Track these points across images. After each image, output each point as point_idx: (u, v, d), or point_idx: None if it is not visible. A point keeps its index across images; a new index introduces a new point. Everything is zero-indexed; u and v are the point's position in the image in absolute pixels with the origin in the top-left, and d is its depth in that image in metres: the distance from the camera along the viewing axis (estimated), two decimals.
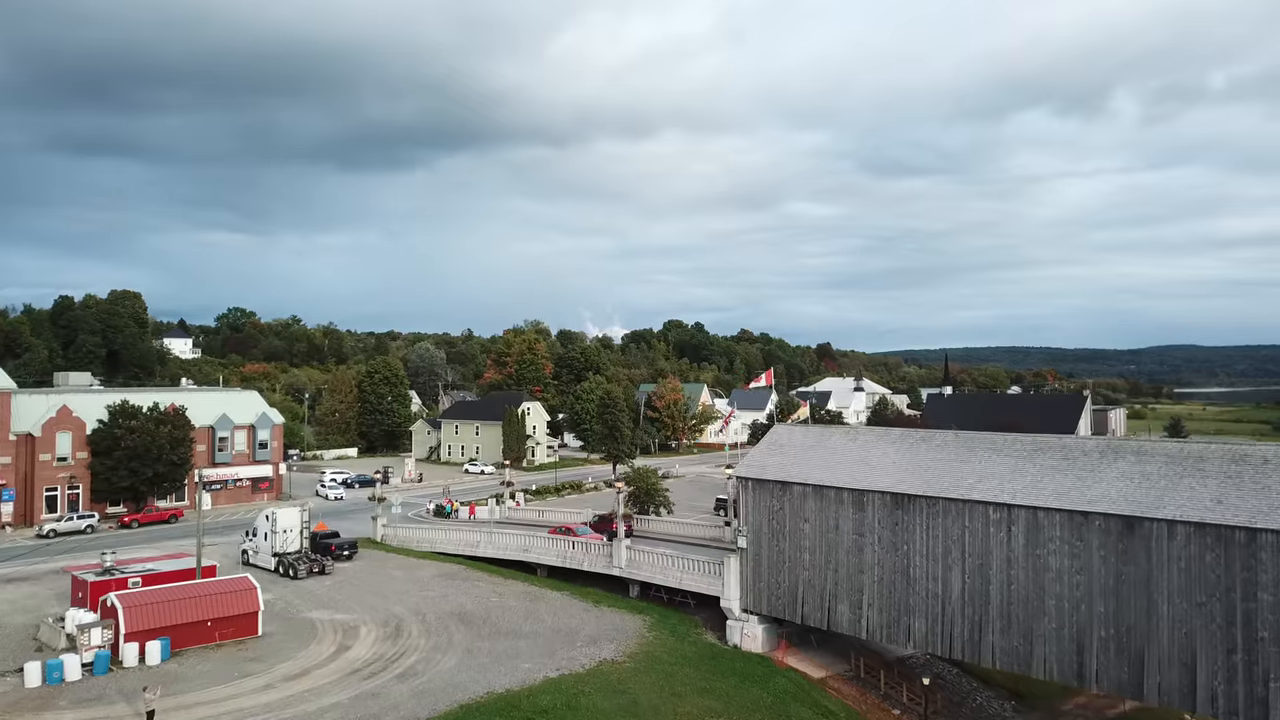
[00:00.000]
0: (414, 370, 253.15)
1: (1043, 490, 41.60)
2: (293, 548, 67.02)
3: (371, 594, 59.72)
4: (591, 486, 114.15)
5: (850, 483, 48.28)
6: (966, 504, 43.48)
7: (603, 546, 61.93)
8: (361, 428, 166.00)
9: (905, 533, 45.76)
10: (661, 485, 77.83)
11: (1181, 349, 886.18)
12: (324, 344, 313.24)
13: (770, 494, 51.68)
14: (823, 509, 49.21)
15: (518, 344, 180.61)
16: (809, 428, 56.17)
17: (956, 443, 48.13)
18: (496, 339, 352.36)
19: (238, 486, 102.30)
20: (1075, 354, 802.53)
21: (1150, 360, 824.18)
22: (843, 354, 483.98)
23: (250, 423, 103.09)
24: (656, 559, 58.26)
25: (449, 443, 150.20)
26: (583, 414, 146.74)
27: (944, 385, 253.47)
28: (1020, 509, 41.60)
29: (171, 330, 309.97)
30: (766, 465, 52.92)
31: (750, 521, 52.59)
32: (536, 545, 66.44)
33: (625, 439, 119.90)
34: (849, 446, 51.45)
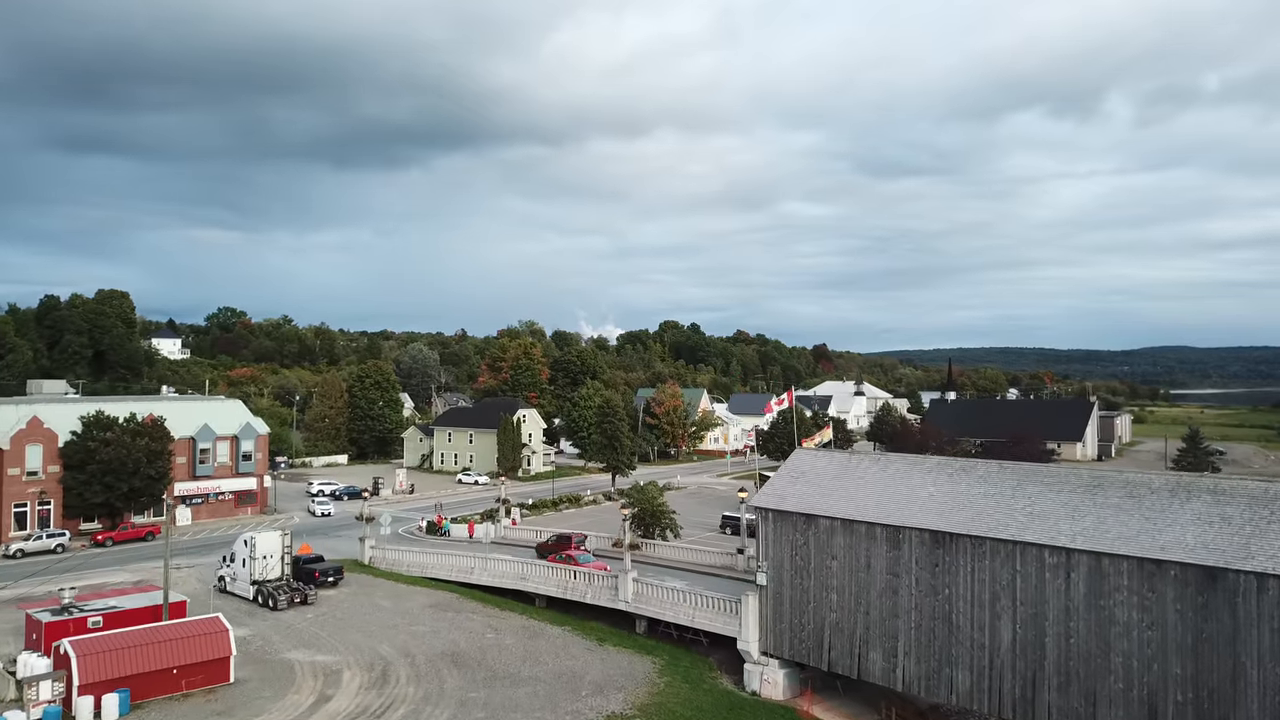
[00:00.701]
0: (407, 371, 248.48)
1: (1107, 533, 37.14)
2: (273, 575, 62.35)
3: (356, 629, 55.06)
4: (590, 500, 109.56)
5: (883, 517, 43.79)
6: (1018, 546, 39.01)
7: (607, 578, 57.34)
8: (352, 434, 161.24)
9: (947, 575, 41.27)
10: (667, 507, 73.28)
11: (1174, 350, 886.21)
12: (316, 344, 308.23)
13: (793, 527, 47.17)
14: (852, 545, 44.72)
15: (513, 348, 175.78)
16: (833, 454, 51.69)
17: (1002, 475, 43.62)
18: (491, 340, 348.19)
19: (219, 501, 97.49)
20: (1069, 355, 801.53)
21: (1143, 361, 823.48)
22: (838, 355, 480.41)
23: (233, 433, 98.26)
24: (666, 594, 53.72)
25: (442, 451, 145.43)
26: (580, 422, 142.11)
27: (946, 390, 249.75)
28: (1081, 554, 37.13)
29: (160, 330, 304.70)
30: (788, 495, 48.39)
31: (770, 557, 48.07)
32: (535, 574, 61.83)
33: (625, 449, 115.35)
34: (880, 476, 46.93)
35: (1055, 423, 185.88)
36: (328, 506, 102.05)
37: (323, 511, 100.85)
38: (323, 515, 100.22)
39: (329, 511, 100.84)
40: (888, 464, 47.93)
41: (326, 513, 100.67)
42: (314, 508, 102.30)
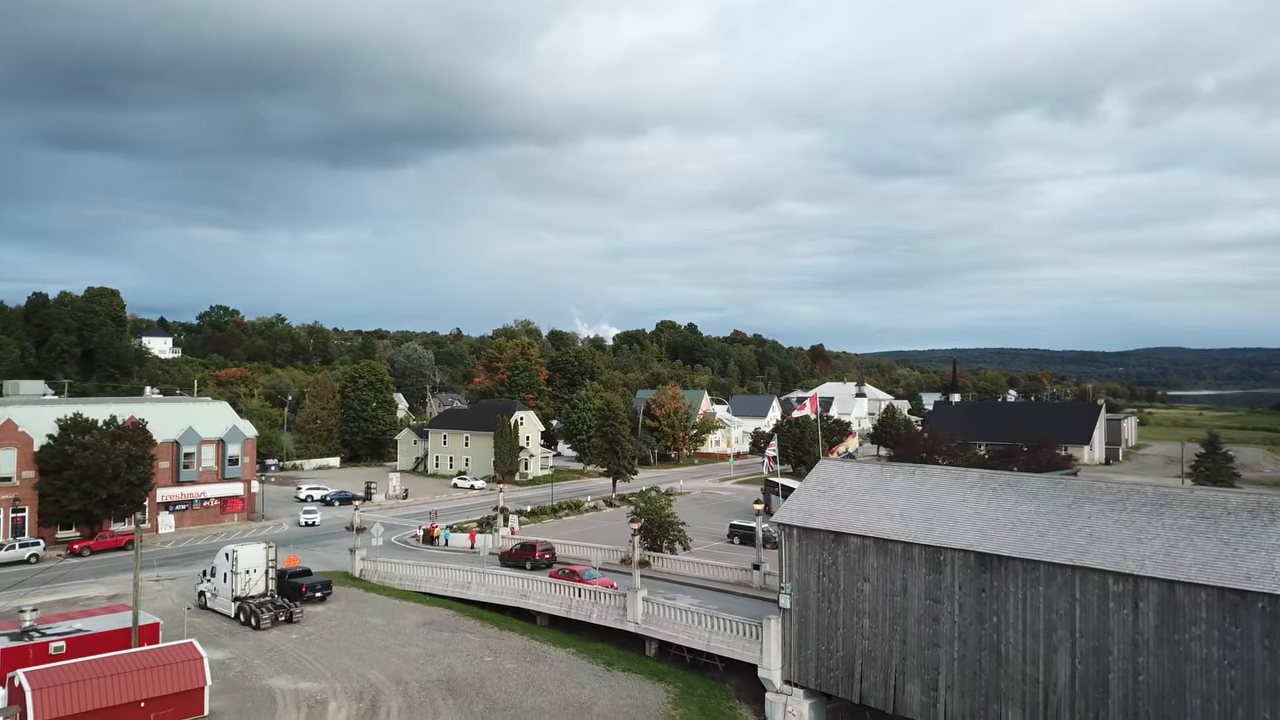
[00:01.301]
0: (401, 371, 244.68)
1: (1180, 559, 33.29)
2: (256, 590, 58.37)
3: (344, 651, 51.06)
4: (591, 506, 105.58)
5: (922, 537, 39.90)
6: (1077, 571, 35.14)
7: (614, 596, 53.38)
8: (344, 436, 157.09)
9: (995, 602, 37.40)
10: (676, 517, 69.35)
11: (1168, 351, 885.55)
12: (309, 344, 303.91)
13: (820, 546, 43.27)
14: (887, 567, 40.83)
15: (510, 348, 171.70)
16: (863, 465, 47.80)
17: (1055, 491, 39.73)
18: (486, 340, 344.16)
19: (204, 507, 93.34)
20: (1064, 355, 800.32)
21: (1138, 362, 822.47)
22: (835, 355, 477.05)
23: (219, 437, 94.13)
24: (680, 615, 49.78)
25: (436, 453, 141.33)
26: (579, 424, 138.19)
27: (951, 391, 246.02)
28: (1151, 581, 33.28)
29: (151, 329, 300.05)
30: (815, 511, 44.48)
31: (795, 577, 44.15)
32: (536, 590, 57.85)
33: (626, 453, 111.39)
34: (917, 491, 43.03)
35: (1062, 426, 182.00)
36: (314, 515, 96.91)
37: (308, 520, 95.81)
38: (308, 524, 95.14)
39: (314, 521, 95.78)
40: (924, 477, 44.03)
41: (311, 522, 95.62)
42: (300, 516, 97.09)
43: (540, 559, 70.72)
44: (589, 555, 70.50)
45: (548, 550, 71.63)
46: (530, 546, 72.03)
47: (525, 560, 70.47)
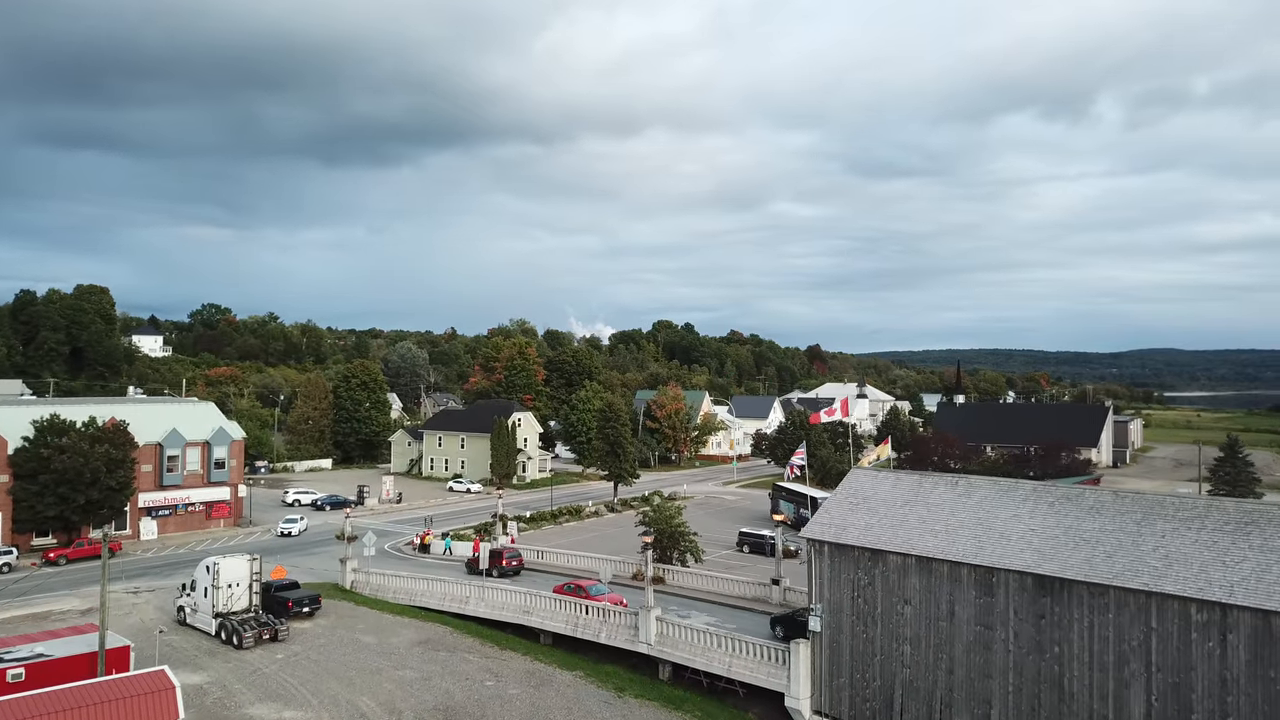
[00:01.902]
0: (395, 371, 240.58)
1: (1276, 585, 29.52)
2: (239, 606, 54.36)
3: (333, 675, 47.09)
4: (592, 511, 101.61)
5: (972, 556, 36.11)
6: (1153, 597, 31.40)
7: (625, 615, 49.48)
8: (336, 437, 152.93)
9: (1057, 630, 33.63)
10: (687, 527, 65.47)
11: (1162, 352, 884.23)
12: (302, 342, 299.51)
13: (855, 564, 39.47)
14: (931, 588, 37.04)
15: (507, 348, 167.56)
16: (899, 476, 43.97)
17: (1120, 506, 35.93)
18: (481, 339, 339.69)
19: (189, 512, 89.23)
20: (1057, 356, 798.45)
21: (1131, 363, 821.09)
22: (831, 356, 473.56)
23: (205, 439, 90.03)
24: (698, 637, 45.90)
25: (431, 455, 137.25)
26: (578, 425, 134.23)
27: (954, 392, 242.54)
28: (1242, 611, 29.55)
29: (141, 327, 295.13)
30: (848, 525, 40.66)
31: (826, 598, 40.34)
32: (540, 606, 53.94)
33: (629, 456, 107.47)
34: (962, 504, 39.21)
35: (1069, 427, 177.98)
36: (296, 524, 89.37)
37: (286, 530, 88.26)
38: (283, 534, 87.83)
39: (293, 530, 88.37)
40: (969, 489, 40.19)
41: (289, 531, 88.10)
42: (279, 525, 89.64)
43: (507, 566, 68.20)
44: (595, 567, 66.58)
45: (515, 557, 69.41)
46: (497, 554, 69.90)
47: (493, 568, 68.25)
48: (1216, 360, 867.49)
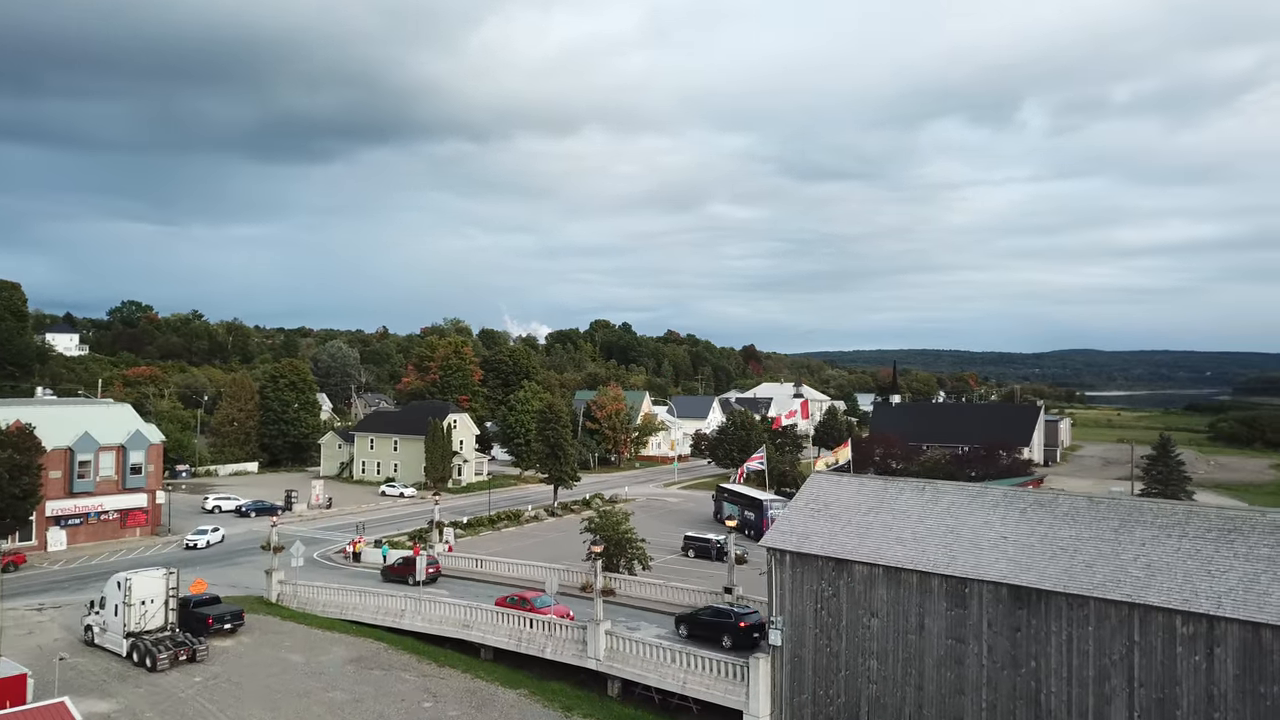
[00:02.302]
0: (325, 370, 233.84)
1: (1266, 596, 28.17)
2: (154, 624, 50.38)
3: (257, 700, 43.57)
4: (532, 516, 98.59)
5: (943, 565, 34.32)
6: (1136, 609, 29.88)
7: (572, 628, 46.84)
8: (263, 439, 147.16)
9: (1033, 643, 31.97)
10: (635, 534, 62.99)
11: (1082, 353, 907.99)
12: (227, 341, 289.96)
13: (818, 574, 37.46)
14: (900, 600, 35.17)
15: (442, 347, 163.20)
16: (863, 481, 42.06)
17: (1096, 512, 34.42)
18: (414, 338, 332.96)
19: (102, 521, 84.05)
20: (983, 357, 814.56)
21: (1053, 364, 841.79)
22: (766, 356, 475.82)
23: (119, 443, 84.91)
24: (649, 651, 43.45)
25: (363, 459, 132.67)
26: (517, 427, 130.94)
27: (890, 392, 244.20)
28: (1230, 623, 28.13)
29: (56, 325, 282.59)
30: (810, 533, 38.62)
31: (788, 610, 38.26)
32: (481, 620, 51.00)
33: (569, 459, 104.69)
34: (930, 511, 37.42)
35: (1002, 426, 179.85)
36: (205, 536, 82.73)
37: (191, 543, 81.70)
38: (190, 547, 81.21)
39: (199, 544, 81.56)
40: (937, 494, 38.43)
41: (195, 544, 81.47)
42: (187, 538, 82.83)
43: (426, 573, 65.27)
44: (537, 576, 63.76)
45: (432, 564, 66.70)
46: (412, 561, 66.38)
47: (408, 575, 64.81)
48: (1133, 361, 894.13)
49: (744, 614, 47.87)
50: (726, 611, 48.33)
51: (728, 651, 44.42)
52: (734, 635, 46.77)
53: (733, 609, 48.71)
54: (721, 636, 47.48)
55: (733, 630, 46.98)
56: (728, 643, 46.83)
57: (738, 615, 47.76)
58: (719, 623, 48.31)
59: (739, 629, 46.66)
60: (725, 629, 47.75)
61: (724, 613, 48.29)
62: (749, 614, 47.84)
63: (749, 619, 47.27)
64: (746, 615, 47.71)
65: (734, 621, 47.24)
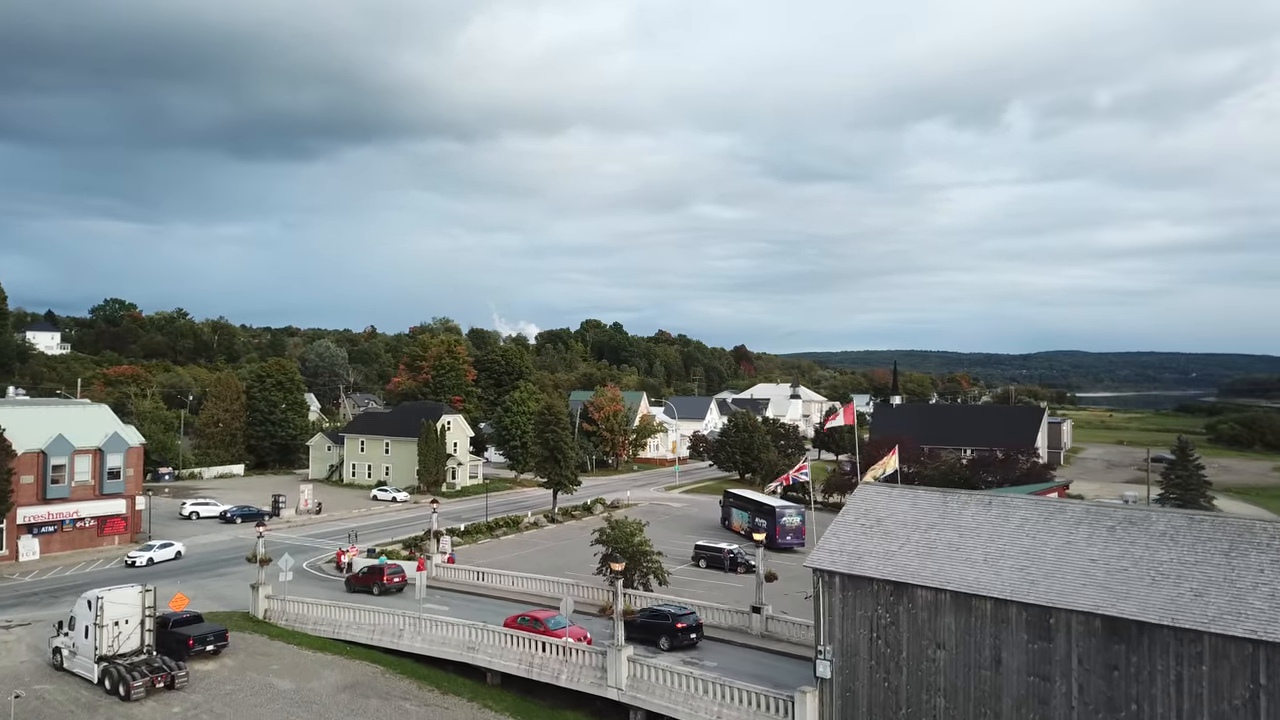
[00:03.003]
0: (312, 370, 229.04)
1: None
2: (128, 647, 45.96)
3: None
4: (531, 523, 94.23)
5: (1023, 592, 30.28)
6: (1261, 647, 25.90)
7: (589, 654, 42.61)
8: (250, 441, 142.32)
9: (1134, 684, 27.95)
10: (650, 546, 58.70)
11: (1067, 354, 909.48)
12: (213, 340, 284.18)
13: (874, 599, 33.38)
14: (971, 630, 31.11)
15: (435, 346, 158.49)
16: (918, 493, 37.96)
17: (1198, 531, 30.41)
18: (403, 338, 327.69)
19: (78, 529, 79.33)
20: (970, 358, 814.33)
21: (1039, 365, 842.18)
22: (756, 356, 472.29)
23: (97, 445, 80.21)
24: (678, 680, 39.24)
25: (353, 461, 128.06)
26: (513, 429, 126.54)
27: (891, 393, 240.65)
28: None
29: (38, 323, 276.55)
30: (864, 553, 34.54)
31: (838, 639, 34.16)
32: (488, 642, 46.70)
33: (569, 462, 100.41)
34: (1001, 528, 33.37)
35: (1006, 429, 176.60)
36: (151, 553, 73.98)
37: (131, 560, 72.78)
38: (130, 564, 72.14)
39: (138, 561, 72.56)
40: (1007, 510, 34.38)
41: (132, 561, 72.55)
42: (132, 554, 74.01)
43: (389, 584, 63.45)
44: (545, 591, 59.51)
45: (397, 573, 64.16)
46: (378, 570, 64.62)
47: (373, 585, 63.64)
48: (1119, 362, 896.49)
49: (680, 615, 48.54)
50: (664, 613, 48.70)
51: (665, 652, 45.62)
52: (671, 636, 47.37)
53: (669, 610, 49.14)
54: (659, 638, 48.02)
55: (669, 631, 47.60)
56: (665, 644, 47.22)
57: (674, 616, 48.30)
58: (656, 624, 48.81)
59: (676, 630, 47.29)
60: (663, 630, 48.30)
61: (661, 614, 48.59)
62: (685, 615, 48.63)
63: (686, 620, 48.09)
64: (683, 616, 48.40)
65: (670, 623, 47.76)
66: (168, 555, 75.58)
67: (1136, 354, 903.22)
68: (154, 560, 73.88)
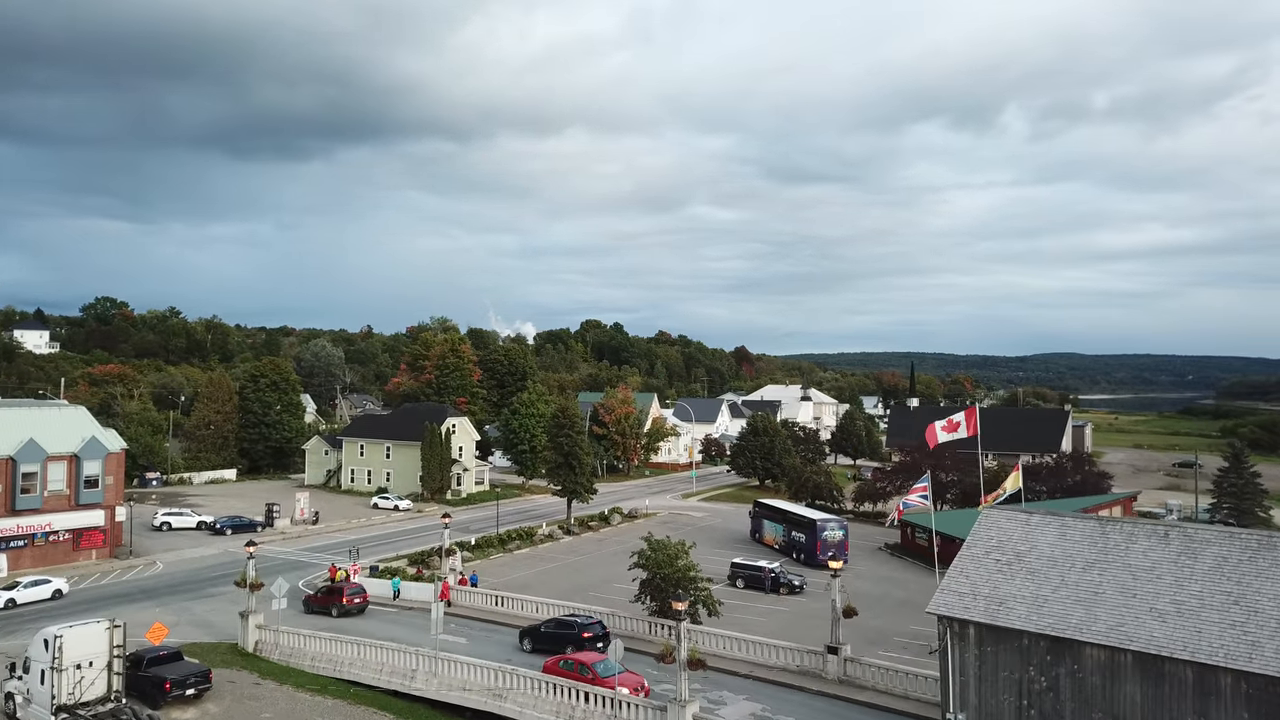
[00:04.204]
0: (308, 370, 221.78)
1: None
2: (93, 694, 38.95)
3: None
4: (546, 535, 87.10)
5: (1240, 657, 23.27)
6: None
7: (647, 710, 35.46)
8: (242, 444, 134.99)
9: None
10: (698, 571, 51.52)
11: (1064, 356, 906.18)
12: (206, 339, 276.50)
13: (1022, 656, 26.38)
14: (1164, 703, 24.13)
15: (438, 345, 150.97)
16: (1065, 520, 30.87)
17: None
18: (401, 337, 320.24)
19: (51, 543, 72.11)
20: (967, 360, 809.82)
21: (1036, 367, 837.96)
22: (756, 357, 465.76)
23: (72, 451, 73.00)
24: None
25: (352, 466, 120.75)
26: (521, 432, 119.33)
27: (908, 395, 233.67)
28: None
29: (26, 321, 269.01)
30: (1006, 597, 27.53)
31: (974, 705, 27.17)
32: (520, 689, 39.58)
33: (586, 470, 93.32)
34: (1192, 569, 26.34)
35: (1031, 433, 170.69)
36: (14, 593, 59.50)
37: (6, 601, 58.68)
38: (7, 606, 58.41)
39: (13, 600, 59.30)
40: (1191, 543, 27.33)
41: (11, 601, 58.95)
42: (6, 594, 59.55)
43: (349, 605, 57.94)
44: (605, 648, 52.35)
45: (358, 594, 58.94)
46: (337, 590, 58.93)
47: (331, 606, 58.12)
48: (1115, 364, 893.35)
49: (586, 624, 48.32)
50: (570, 623, 48.29)
51: None
52: (578, 647, 46.43)
53: (575, 619, 48.84)
54: (565, 648, 47.25)
55: (575, 641, 47.06)
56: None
57: (580, 626, 48.08)
58: (562, 634, 48.63)
59: (581, 639, 46.91)
60: (569, 640, 47.97)
61: (567, 624, 48.11)
62: (590, 624, 48.38)
63: (591, 629, 47.85)
64: (589, 626, 48.17)
65: (576, 633, 47.48)
66: (38, 596, 60.69)
67: (1132, 356, 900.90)
68: (15, 602, 59.10)
